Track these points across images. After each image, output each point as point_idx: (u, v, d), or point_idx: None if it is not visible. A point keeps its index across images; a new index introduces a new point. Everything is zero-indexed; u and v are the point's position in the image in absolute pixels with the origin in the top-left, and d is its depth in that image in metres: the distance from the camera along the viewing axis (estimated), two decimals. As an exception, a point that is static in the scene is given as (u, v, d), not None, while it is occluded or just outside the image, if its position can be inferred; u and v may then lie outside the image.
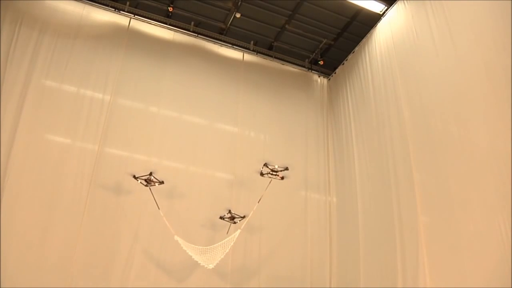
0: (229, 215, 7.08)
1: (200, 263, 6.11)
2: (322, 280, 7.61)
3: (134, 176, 6.64)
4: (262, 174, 6.93)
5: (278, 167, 6.86)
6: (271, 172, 6.86)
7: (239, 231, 6.42)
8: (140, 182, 6.63)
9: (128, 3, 8.19)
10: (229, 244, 6.28)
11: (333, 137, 8.95)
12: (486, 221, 4.82)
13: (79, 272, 6.11)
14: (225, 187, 7.64)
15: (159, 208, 6.51)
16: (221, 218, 7.12)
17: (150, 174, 6.66)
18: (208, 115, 8.09)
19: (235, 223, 7.07)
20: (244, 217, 7.06)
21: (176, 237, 6.23)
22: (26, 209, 6.12)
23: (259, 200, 6.74)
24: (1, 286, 5.57)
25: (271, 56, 9.35)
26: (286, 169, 6.85)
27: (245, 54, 9.05)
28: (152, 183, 6.66)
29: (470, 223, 5.04)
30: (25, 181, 6.23)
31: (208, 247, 6.25)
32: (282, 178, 6.91)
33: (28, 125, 6.51)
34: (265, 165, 6.88)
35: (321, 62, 9.50)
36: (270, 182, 6.88)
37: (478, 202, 5.00)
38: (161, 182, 6.69)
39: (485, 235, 4.80)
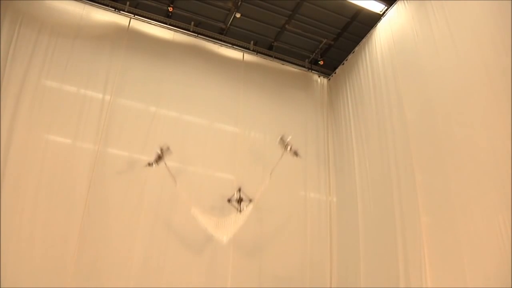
0: (238, 195, 7.08)
1: (214, 236, 6.33)
2: (322, 281, 7.60)
3: (148, 164, 6.62)
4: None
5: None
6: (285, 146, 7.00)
7: (251, 206, 6.56)
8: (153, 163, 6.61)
9: (128, 3, 8.18)
10: (242, 219, 6.42)
11: (333, 137, 8.95)
12: (486, 221, 4.82)
13: (79, 272, 6.10)
14: (225, 188, 7.63)
15: (176, 185, 6.58)
16: (229, 201, 7.08)
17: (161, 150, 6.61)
18: (208, 115, 8.08)
19: (241, 211, 7.01)
20: (251, 201, 7.01)
21: (193, 210, 6.32)
22: (26, 209, 6.10)
23: (271, 173, 6.79)
24: (1, 286, 5.57)
25: (271, 56, 9.34)
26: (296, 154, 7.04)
27: (245, 54, 9.04)
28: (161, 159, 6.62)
29: (470, 223, 5.04)
30: (24, 181, 6.22)
31: (221, 219, 6.42)
32: (296, 153, 7.08)
33: (27, 125, 6.50)
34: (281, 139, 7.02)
35: (321, 62, 9.49)
36: (282, 155, 6.95)
37: (478, 202, 5.00)
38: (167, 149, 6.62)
39: (485, 235, 4.80)
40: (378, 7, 7.86)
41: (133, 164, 7.01)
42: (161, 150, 6.59)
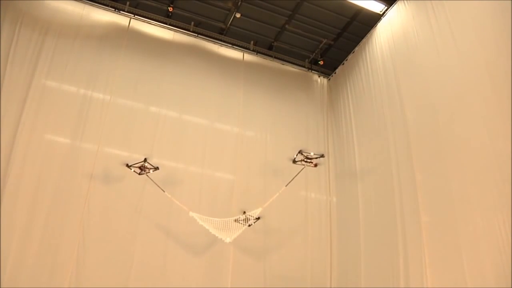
0: (243, 216, 7.05)
1: (218, 237, 6.27)
2: (323, 280, 7.61)
3: (127, 165, 6.64)
4: (294, 161, 6.69)
5: (314, 154, 6.64)
6: (305, 159, 6.65)
7: (260, 208, 6.46)
8: (134, 171, 6.64)
9: (128, 3, 8.19)
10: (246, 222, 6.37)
11: (333, 137, 8.95)
12: (486, 221, 4.83)
13: (79, 272, 6.11)
14: (225, 188, 7.64)
15: (164, 191, 6.61)
16: (236, 221, 7.06)
17: (145, 160, 6.63)
18: (208, 115, 8.09)
19: (249, 225, 7.01)
20: (259, 218, 7.01)
21: (191, 213, 6.30)
22: (26, 209, 6.11)
23: (287, 184, 6.63)
24: (1, 286, 5.57)
25: (271, 56, 9.35)
26: (322, 156, 6.66)
27: (245, 54, 9.05)
28: (147, 170, 6.65)
29: (470, 223, 5.04)
30: (25, 181, 6.23)
31: (224, 219, 6.37)
32: (316, 165, 6.70)
33: (28, 125, 6.50)
34: (300, 152, 6.64)
35: (321, 62, 9.50)
36: (302, 169, 6.65)
37: (478, 202, 5.00)
38: (156, 168, 6.68)
39: (484, 235, 4.80)
40: (378, 7, 7.86)
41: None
42: (145, 160, 6.68)
